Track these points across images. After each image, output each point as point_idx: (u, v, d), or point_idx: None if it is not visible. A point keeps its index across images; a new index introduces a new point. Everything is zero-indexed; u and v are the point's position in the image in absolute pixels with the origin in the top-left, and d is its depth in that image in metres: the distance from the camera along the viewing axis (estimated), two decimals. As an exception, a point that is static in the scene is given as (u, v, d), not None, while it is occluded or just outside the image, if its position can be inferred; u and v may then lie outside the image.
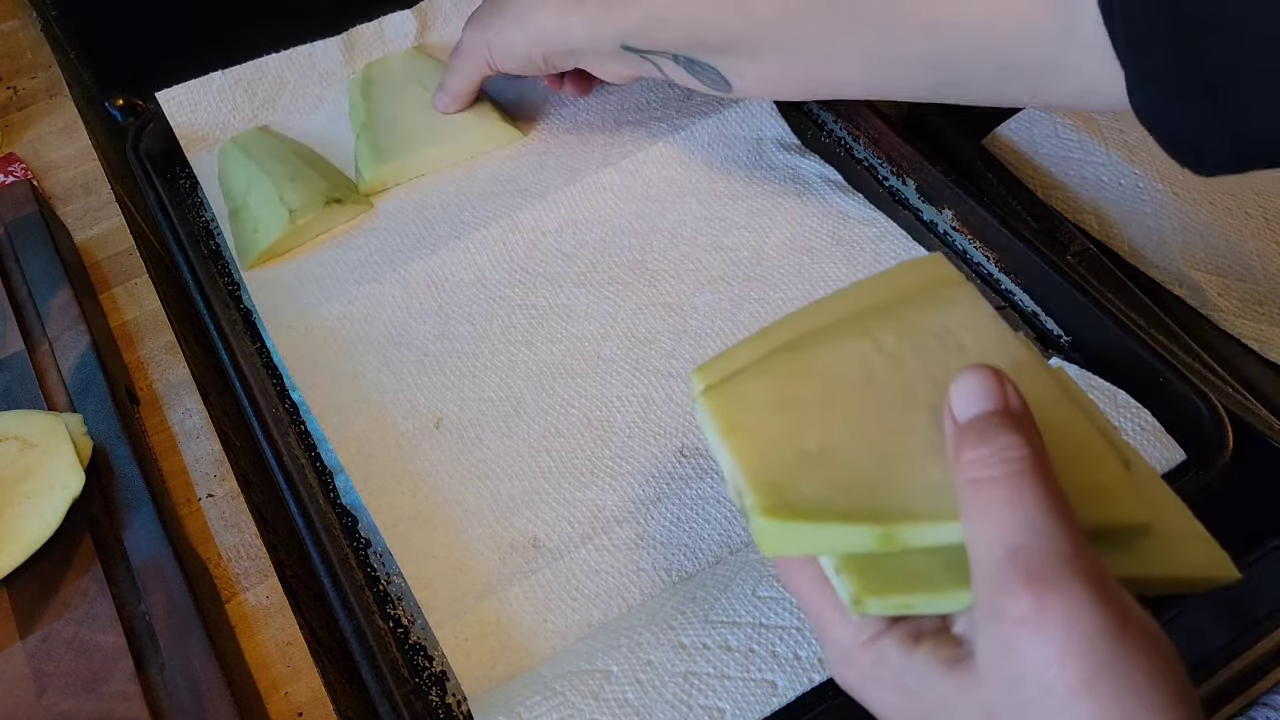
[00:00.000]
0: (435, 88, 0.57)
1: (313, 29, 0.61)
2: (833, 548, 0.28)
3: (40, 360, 0.44)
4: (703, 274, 0.51)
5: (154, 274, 0.51)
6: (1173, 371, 0.42)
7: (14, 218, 0.50)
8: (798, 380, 0.31)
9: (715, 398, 0.31)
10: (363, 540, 0.43)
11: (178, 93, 0.58)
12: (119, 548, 0.39)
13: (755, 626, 0.37)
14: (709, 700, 0.36)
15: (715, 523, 0.42)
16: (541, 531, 0.42)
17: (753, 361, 0.32)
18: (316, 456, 0.46)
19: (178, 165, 0.58)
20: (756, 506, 0.28)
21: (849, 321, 0.33)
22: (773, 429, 0.30)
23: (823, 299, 0.34)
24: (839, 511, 0.27)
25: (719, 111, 0.57)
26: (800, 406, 0.30)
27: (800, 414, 0.30)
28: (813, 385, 0.31)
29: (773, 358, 0.32)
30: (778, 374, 0.31)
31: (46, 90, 0.61)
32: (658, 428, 0.45)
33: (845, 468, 0.28)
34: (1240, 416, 0.43)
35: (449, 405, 0.47)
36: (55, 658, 0.36)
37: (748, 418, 0.30)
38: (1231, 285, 0.49)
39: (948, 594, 0.27)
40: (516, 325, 0.50)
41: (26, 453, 0.40)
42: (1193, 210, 0.51)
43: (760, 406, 0.30)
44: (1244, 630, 0.39)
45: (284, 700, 0.37)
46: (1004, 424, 0.26)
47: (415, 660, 0.39)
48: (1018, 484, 0.25)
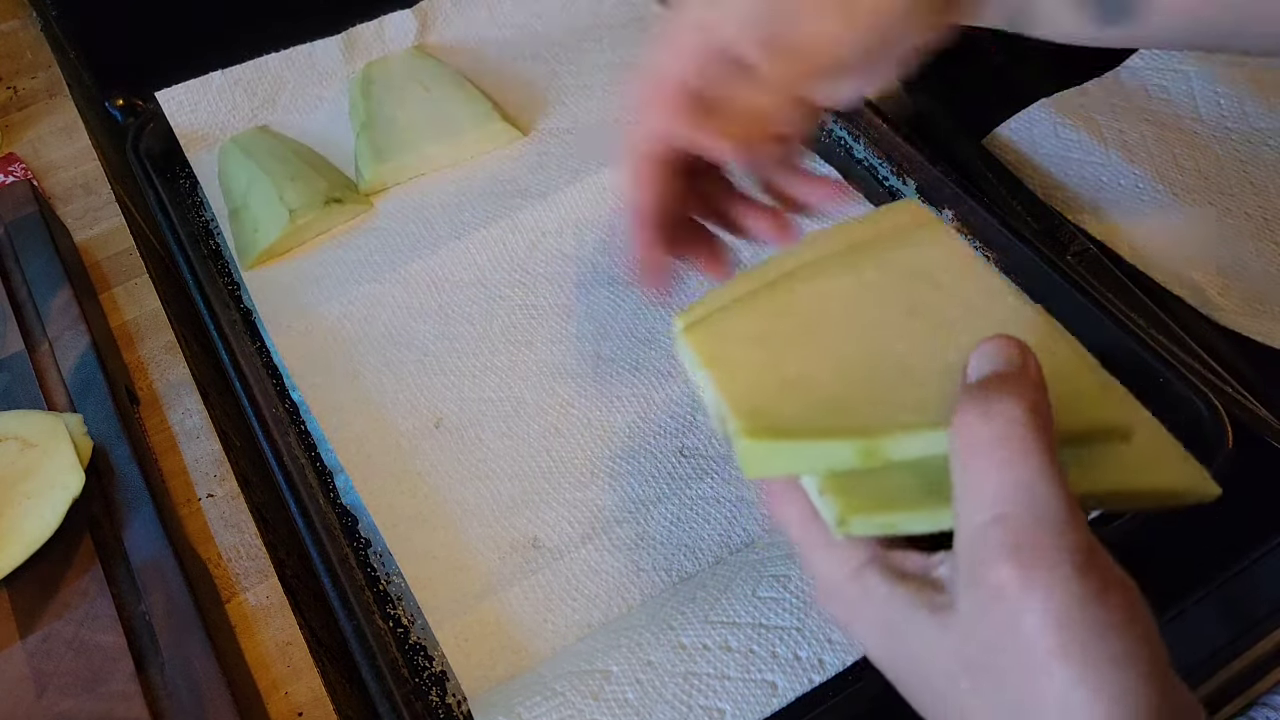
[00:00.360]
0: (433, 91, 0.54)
1: (313, 29, 0.61)
2: (814, 466, 0.28)
3: (40, 360, 0.44)
4: (701, 274, 0.51)
5: (154, 274, 0.51)
6: (1173, 371, 0.42)
7: (14, 218, 0.50)
8: (777, 314, 0.32)
9: (696, 333, 0.32)
10: (363, 540, 0.43)
11: (178, 93, 0.58)
12: (119, 548, 0.39)
13: (755, 627, 0.37)
14: (709, 701, 0.36)
15: (715, 523, 0.42)
16: (541, 531, 0.42)
17: (732, 300, 0.33)
18: (316, 456, 0.46)
19: (178, 165, 0.58)
20: (740, 430, 0.28)
21: (827, 259, 0.33)
22: (753, 359, 0.30)
23: (800, 241, 0.35)
24: (820, 429, 0.28)
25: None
26: (780, 338, 0.31)
27: (780, 345, 0.31)
28: (792, 318, 0.31)
29: (752, 295, 0.33)
30: (757, 309, 0.32)
31: (46, 90, 0.61)
32: (658, 428, 0.45)
33: (825, 390, 0.29)
34: (1240, 416, 0.43)
35: (449, 405, 0.47)
36: (55, 658, 0.36)
37: (728, 349, 0.31)
38: (1231, 285, 0.49)
39: (930, 512, 0.27)
40: (517, 325, 0.50)
41: (26, 453, 0.40)
42: (1193, 210, 0.51)
43: (740, 339, 0.31)
44: (1244, 630, 0.39)
45: (284, 700, 0.37)
46: (1004, 386, 0.26)
47: (415, 660, 0.39)
48: (1011, 451, 0.25)
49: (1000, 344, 0.27)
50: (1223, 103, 0.55)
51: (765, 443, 0.28)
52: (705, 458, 0.44)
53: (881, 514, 0.27)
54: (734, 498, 0.43)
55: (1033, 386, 0.26)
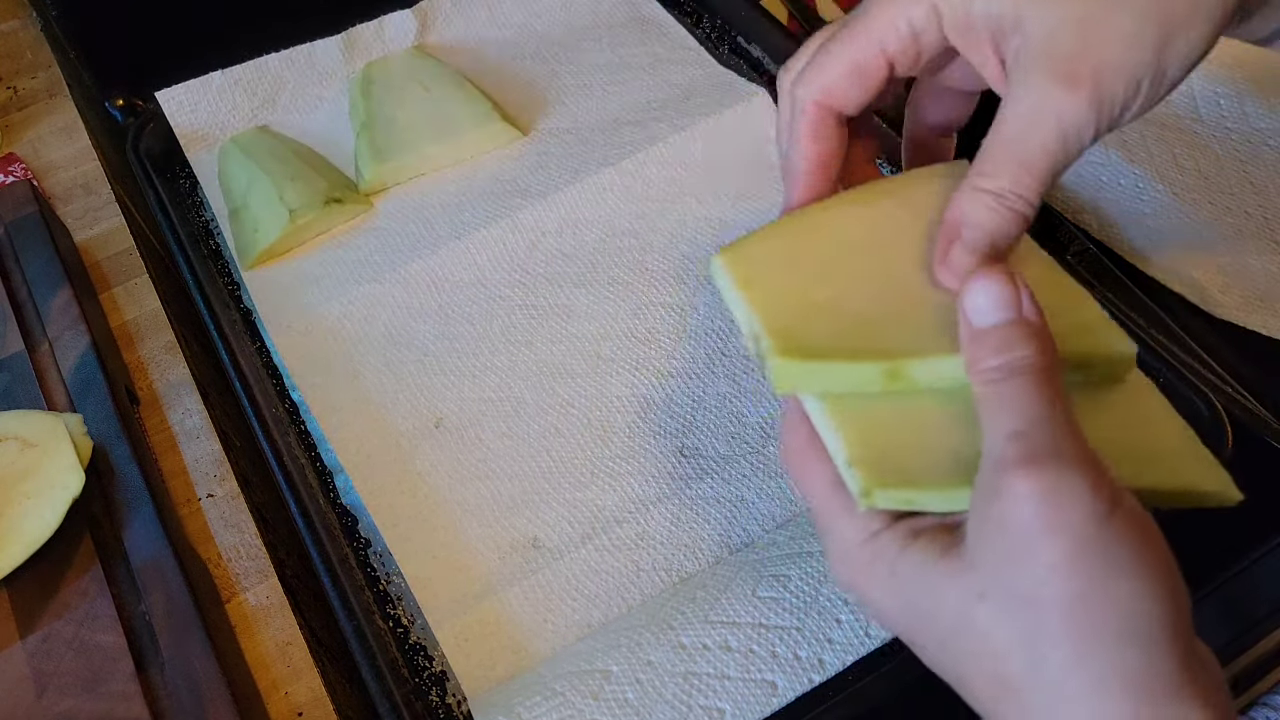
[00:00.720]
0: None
1: (313, 29, 0.61)
2: (841, 386, 0.30)
3: (40, 360, 0.44)
4: (703, 274, 0.51)
5: (154, 274, 0.51)
6: (1173, 372, 0.42)
7: (14, 218, 0.50)
8: (806, 241, 0.33)
9: (729, 255, 0.33)
10: (363, 540, 0.43)
11: (177, 92, 0.58)
12: (119, 548, 0.39)
13: (755, 627, 0.37)
14: (709, 701, 0.36)
15: (715, 523, 0.42)
16: (541, 531, 0.42)
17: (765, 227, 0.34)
18: (316, 456, 0.46)
19: (178, 165, 0.58)
20: (773, 348, 0.30)
21: (856, 192, 0.35)
22: (785, 282, 0.32)
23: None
24: (847, 350, 0.30)
25: (719, 112, 0.57)
26: (809, 263, 0.32)
27: (809, 270, 0.32)
28: (820, 245, 0.33)
29: (782, 222, 0.34)
30: (787, 235, 0.34)
31: (46, 90, 0.61)
32: (658, 428, 0.45)
33: (852, 314, 0.31)
34: (1240, 417, 0.43)
35: (449, 405, 0.47)
36: (55, 658, 0.36)
37: (761, 272, 0.32)
38: (1232, 283, 0.49)
39: (951, 491, 0.28)
40: (516, 325, 0.50)
41: (26, 453, 0.40)
42: (1193, 210, 0.51)
43: (772, 263, 0.33)
44: (1244, 630, 0.39)
45: (284, 700, 0.37)
46: (1022, 335, 0.27)
47: (415, 660, 0.39)
48: (1027, 381, 0.26)
49: (993, 284, 0.28)
50: (1223, 103, 0.55)
51: (795, 362, 0.30)
52: (705, 458, 0.44)
53: (906, 489, 0.28)
54: (734, 498, 0.43)
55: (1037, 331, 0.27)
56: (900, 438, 0.29)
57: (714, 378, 0.47)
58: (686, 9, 0.66)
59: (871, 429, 0.30)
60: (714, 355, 0.47)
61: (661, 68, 0.61)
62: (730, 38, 0.64)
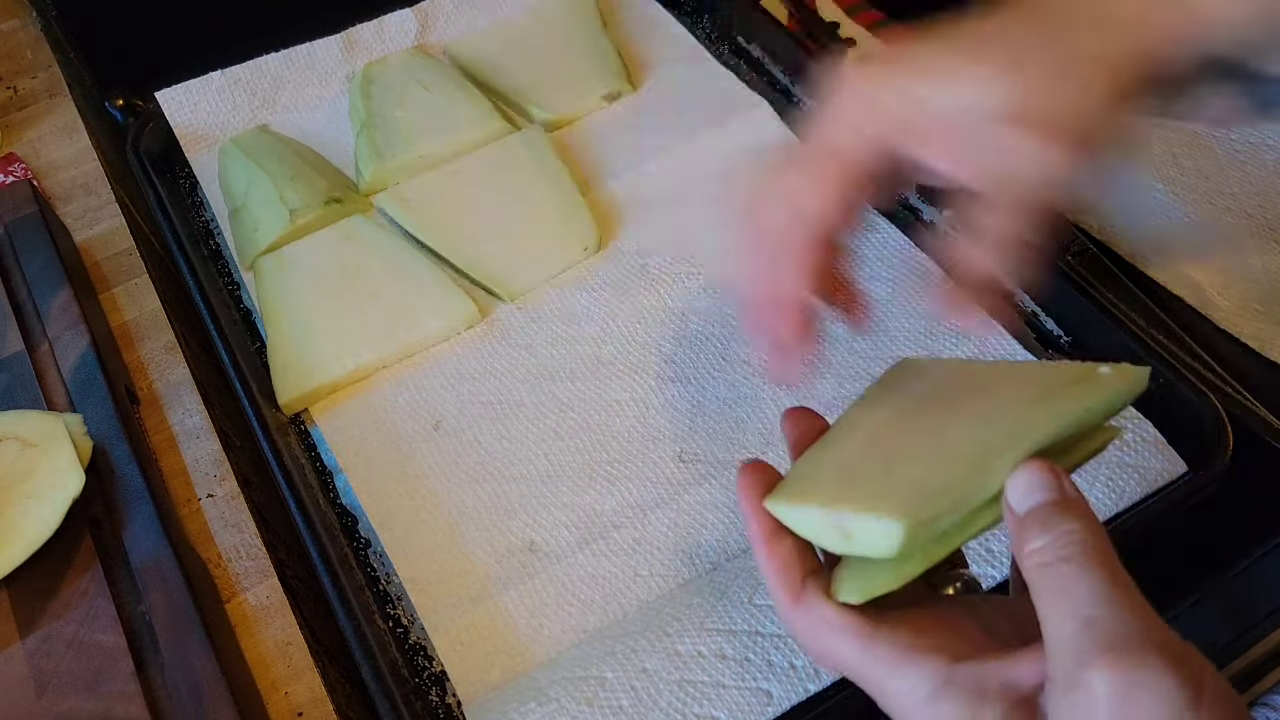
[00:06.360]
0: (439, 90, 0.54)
1: (313, 29, 0.61)
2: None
3: (40, 360, 0.44)
4: (704, 279, 0.51)
5: (154, 274, 0.51)
6: (1173, 373, 0.42)
7: (14, 218, 0.50)
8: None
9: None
10: (363, 540, 0.43)
11: (178, 93, 0.58)
12: (119, 548, 0.39)
13: (751, 634, 0.37)
14: (704, 709, 0.36)
15: (713, 529, 0.42)
16: (539, 535, 0.42)
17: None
18: (316, 456, 0.46)
19: (178, 165, 0.58)
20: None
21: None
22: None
23: None
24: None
25: (721, 118, 0.57)
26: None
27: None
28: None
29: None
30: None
31: (46, 90, 0.61)
32: (656, 432, 0.45)
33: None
34: (1240, 417, 0.43)
35: (448, 407, 0.47)
36: (55, 658, 0.36)
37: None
38: (1232, 285, 0.49)
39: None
40: (516, 328, 0.50)
41: (26, 453, 0.40)
42: (1193, 210, 0.51)
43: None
44: (1244, 630, 0.39)
45: (284, 700, 0.37)
46: (1063, 512, 0.27)
47: (415, 660, 0.39)
48: (1082, 562, 0.26)
49: (1034, 471, 0.28)
50: (1223, 103, 0.55)
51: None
52: (703, 463, 0.44)
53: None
54: (731, 504, 0.43)
55: (1078, 508, 0.27)
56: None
57: (714, 383, 0.46)
58: (686, 9, 0.66)
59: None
60: (714, 361, 0.47)
61: (663, 67, 0.61)
62: (730, 38, 0.64)
